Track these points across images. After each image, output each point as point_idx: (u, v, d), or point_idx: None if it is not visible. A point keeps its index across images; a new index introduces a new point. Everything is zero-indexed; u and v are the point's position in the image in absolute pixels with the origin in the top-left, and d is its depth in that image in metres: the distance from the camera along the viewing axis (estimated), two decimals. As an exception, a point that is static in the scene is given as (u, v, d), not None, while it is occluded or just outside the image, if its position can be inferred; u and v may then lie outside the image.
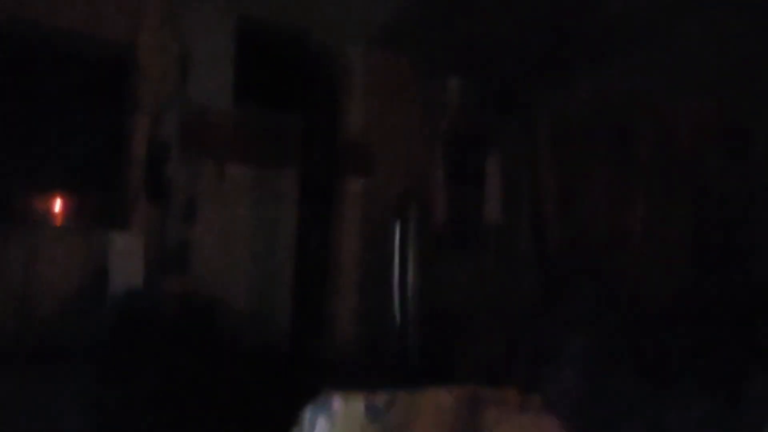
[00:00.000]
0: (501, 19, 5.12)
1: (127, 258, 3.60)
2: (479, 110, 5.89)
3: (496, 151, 6.03)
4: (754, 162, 5.64)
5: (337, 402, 1.74)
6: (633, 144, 6.23)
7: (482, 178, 5.96)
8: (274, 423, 3.66)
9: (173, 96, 3.93)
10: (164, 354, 3.58)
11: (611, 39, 5.71)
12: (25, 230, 3.45)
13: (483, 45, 5.43)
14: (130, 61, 3.84)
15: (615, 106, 6.12)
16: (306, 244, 4.57)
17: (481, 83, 5.81)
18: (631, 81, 6.02)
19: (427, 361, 4.87)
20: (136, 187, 3.76)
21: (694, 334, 5.19)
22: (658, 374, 4.37)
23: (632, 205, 6.18)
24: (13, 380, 3.14)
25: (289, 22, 4.42)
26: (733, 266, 5.56)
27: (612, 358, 4.41)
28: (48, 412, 3.20)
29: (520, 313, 5.65)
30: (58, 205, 3.60)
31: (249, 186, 4.32)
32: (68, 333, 3.37)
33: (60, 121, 3.58)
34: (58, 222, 3.59)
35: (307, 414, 1.81)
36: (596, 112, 6.22)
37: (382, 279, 4.89)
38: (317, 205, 4.64)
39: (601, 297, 5.82)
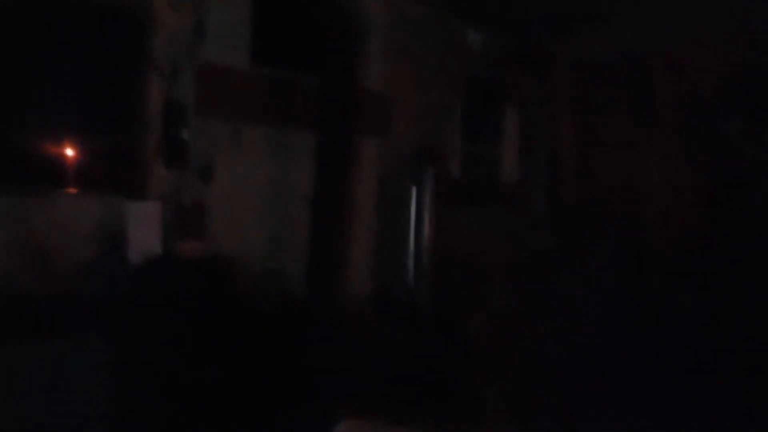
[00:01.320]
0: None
1: (144, 224, 3.55)
2: (499, 63, 5.72)
3: (514, 106, 5.90)
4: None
5: None
6: (651, 96, 6.09)
7: (500, 134, 5.86)
8: (293, 381, 3.73)
9: (189, 55, 3.79)
10: (184, 317, 3.59)
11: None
12: (43, 198, 3.38)
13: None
14: (146, 18, 3.68)
15: (634, 58, 5.95)
16: (322, 204, 4.52)
17: (501, 35, 5.62)
18: (650, 33, 5.84)
19: (440, 316, 4.90)
20: (153, 151, 3.68)
21: (708, 289, 5.21)
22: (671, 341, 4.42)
23: (650, 159, 6.09)
24: (35, 349, 3.15)
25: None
26: (749, 222, 5.53)
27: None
28: (71, 379, 3.22)
29: (535, 267, 5.66)
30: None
31: (265, 146, 4.24)
32: (88, 300, 3.36)
33: (75, 86, 3.46)
34: (76, 189, 3.52)
35: None
36: (615, 65, 6.06)
37: (398, 238, 4.87)
38: (333, 164, 4.56)
39: (617, 251, 5.83)
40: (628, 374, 4.11)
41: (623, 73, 6.13)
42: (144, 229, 3.54)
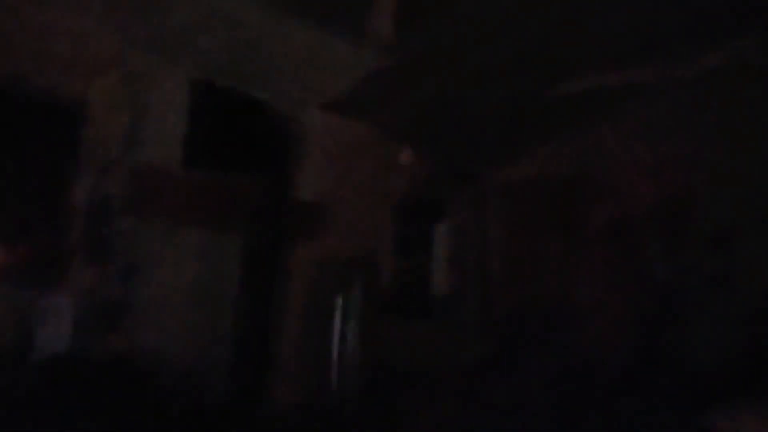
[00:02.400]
0: (456, 92, 5.27)
1: (54, 320, 3.50)
2: (432, 180, 5.97)
3: (446, 221, 6.10)
4: (693, 239, 5.80)
5: None
6: (578, 218, 6.37)
7: (432, 247, 6.02)
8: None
9: (121, 153, 3.91)
10: (95, 415, 3.48)
11: (561, 118, 5.90)
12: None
13: (439, 117, 5.56)
14: (80, 114, 3.80)
15: (560, 180, 6.28)
16: (248, 309, 4.53)
17: (435, 154, 5.90)
18: (578, 158, 6.21)
19: (367, 428, 4.81)
20: (74, 244, 3.69)
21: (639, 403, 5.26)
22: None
23: (579, 277, 6.28)
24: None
25: (244, 87, 4.48)
26: (671, 338, 5.68)
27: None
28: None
29: (466, 379, 5.65)
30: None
31: (194, 247, 4.27)
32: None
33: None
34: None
35: None
36: (545, 185, 6.37)
37: (324, 348, 4.86)
38: (262, 269, 4.61)
39: (550, 365, 5.87)
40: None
41: (550, 194, 6.42)
42: (54, 326, 3.48)
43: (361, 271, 4.98)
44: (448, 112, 5.41)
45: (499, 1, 4.23)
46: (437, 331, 5.80)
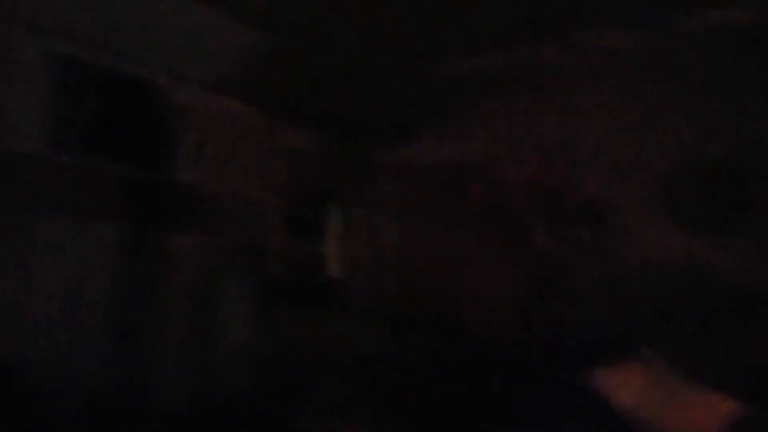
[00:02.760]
0: (345, 71, 5.19)
1: None
2: (323, 163, 5.89)
3: (337, 205, 6.04)
4: (570, 214, 6.06)
5: None
6: (466, 201, 6.51)
7: (323, 233, 5.94)
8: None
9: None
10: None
11: (451, 100, 5.98)
12: None
13: (328, 98, 5.47)
14: None
15: (451, 165, 6.38)
16: (127, 302, 4.27)
17: (325, 136, 5.82)
18: (465, 144, 6.34)
19: (258, 415, 4.70)
20: None
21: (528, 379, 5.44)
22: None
23: (469, 259, 6.41)
24: None
25: (116, 63, 4.19)
26: (562, 320, 5.91)
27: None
28: None
29: (360, 366, 5.63)
30: None
31: (64, 238, 3.97)
32: None
33: None
34: None
35: None
36: (434, 170, 6.45)
37: (211, 337, 4.68)
38: (141, 258, 4.36)
39: (442, 349, 5.96)
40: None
41: (439, 179, 6.52)
42: None
43: (249, 258, 4.82)
44: (337, 93, 5.33)
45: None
46: (330, 319, 5.73)
